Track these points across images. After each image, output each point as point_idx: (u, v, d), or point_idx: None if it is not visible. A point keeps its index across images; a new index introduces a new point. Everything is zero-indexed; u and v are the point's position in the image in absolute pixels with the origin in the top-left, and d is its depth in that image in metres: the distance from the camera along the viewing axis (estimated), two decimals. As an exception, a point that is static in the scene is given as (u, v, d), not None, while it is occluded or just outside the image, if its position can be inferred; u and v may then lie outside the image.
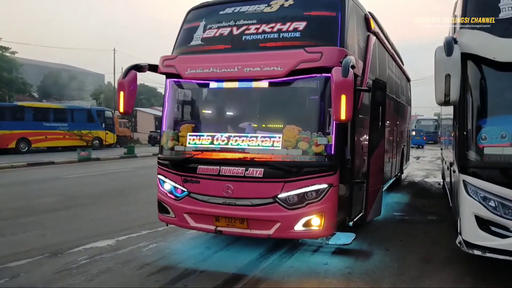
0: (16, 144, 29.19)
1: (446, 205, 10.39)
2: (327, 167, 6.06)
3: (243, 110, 7.21)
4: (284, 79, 6.14)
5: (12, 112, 30.42)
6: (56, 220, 9.51)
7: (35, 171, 20.02)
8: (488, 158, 5.62)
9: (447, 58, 5.22)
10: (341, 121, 5.58)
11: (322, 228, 6.08)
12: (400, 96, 13.38)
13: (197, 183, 6.52)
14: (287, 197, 6.06)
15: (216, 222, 6.45)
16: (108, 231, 8.38)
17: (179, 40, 7.35)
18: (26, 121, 30.28)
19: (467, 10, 5.84)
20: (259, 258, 6.69)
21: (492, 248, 5.43)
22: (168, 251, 7.11)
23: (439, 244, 7.61)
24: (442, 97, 5.25)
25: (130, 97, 6.66)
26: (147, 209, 9.58)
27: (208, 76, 6.59)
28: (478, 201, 5.52)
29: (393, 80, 11.84)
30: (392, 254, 7.02)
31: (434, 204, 11.60)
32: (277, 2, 6.77)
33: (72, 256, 6.86)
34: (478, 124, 5.74)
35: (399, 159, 13.75)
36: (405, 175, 17.26)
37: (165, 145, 7.08)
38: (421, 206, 11.30)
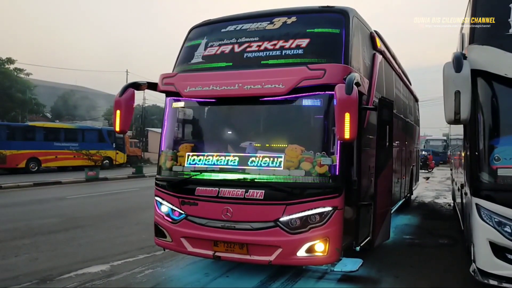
0: (26, 164, 29.05)
1: (458, 228, 9.98)
2: (331, 188, 5.67)
3: (244, 129, 6.84)
4: (286, 97, 5.81)
5: (23, 132, 30.38)
6: (52, 243, 9.12)
7: (41, 191, 19.70)
8: (502, 180, 5.20)
9: (456, 74, 4.89)
10: (345, 140, 5.21)
11: (327, 254, 5.65)
12: (408, 116, 13.03)
13: (195, 205, 6.15)
14: (289, 221, 5.66)
15: (215, 247, 6.05)
16: (104, 255, 7.99)
17: (180, 58, 7.08)
18: (37, 141, 30.20)
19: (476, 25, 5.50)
20: (260, 286, 6.25)
21: (509, 278, 4.97)
22: (164, 278, 6.68)
23: (451, 271, 7.12)
24: (452, 115, 4.89)
25: (127, 115, 6.37)
26: (148, 231, 9.12)
27: (207, 94, 6.27)
28: (492, 226, 5.10)
29: (401, 99, 11.49)
30: (402, 282, 6.56)
31: (445, 226, 11.10)
32: (280, 19, 6.50)
33: (61, 283, 6.47)
34: (491, 144, 5.36)
35: (408, 179, 13.33)
36: (415, 196, 16.75)
37: (163, 165, 6.74)
38: (432, 228, 10.80)
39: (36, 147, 29.85)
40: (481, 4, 5.69)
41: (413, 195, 15.71)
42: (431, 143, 51.49)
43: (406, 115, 12.58)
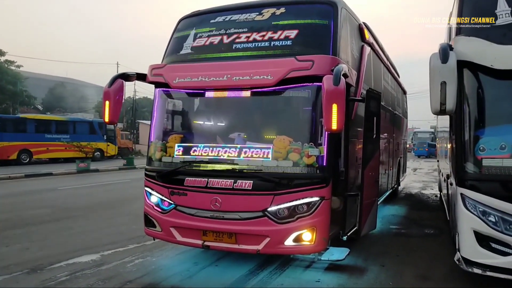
0: (18, 156, 28.81)
1: (444, 218, 10.04)
2: (319, 179, 5.67)
3: (232, 120, 6.83)
4: (274, 88, 5.79)
5: (14, 124, 30.08)
6: (43, 233, 9.06)
7: (32, 182, 19.52)
8: (487, 170, 5.21)
9: (443, 65, 4.87)
10: (333, 131, 5.20)
11: (314, 244, 5.67)
12: (396, 108, 13.07)
13: (184, 195, 6.13)
14: (277, 211, 5.66)
15: (204, 237, 6.04)
16: (95, 245, 7.94)
17: (169, 49, 7.02)
18: (29, 133, 29.95)
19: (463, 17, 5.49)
20: (248, 274, 6.25)
21: (492, 266, 5.01)
22: (154, 267, 6.67)
23: (437, 260, 7.16)
24: (437, 106, 4.88)
25: (116, 106, 6.32)
26: (138, 221, 9.01)
27: (196, 85, 6.23)
28: (477, 215, 5.12)
29: (389, 91, 11.50)
30: (388, 270, 6.59)
31: (431, 216, 11.16)
32: (268, 10, 6.44)
33: (52, 272, 6.42)
34: (476, 135, 5.36)
35: (395, 171, 13.40)
36: (402, 187, 16.84)
37: (152, 156, 6.71)
38: (418, 218, 10.86)
39: (28, 139, 29.59)
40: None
41: (400, 186, 15.80)
42: (418, 135, 51.76)
43: (394, 107, 12.60)
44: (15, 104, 50.17)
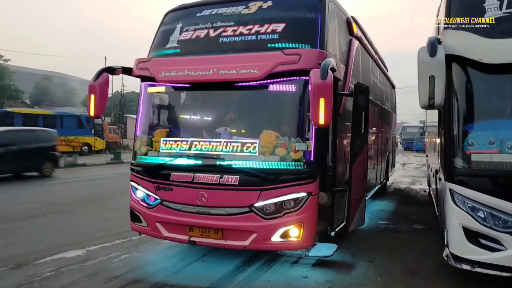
0: (4, 150, 28.39)
1: (433, 213, 10.03)
2: (306, 174, 5.62)
3: (219, 114, 6.73)
4: (261, 82, 5.72)
5: (1, 118, 29.57)
6: (29, 228, 8.95)
7: (18, 176, 19.25)
8: (476, 166, 5.18)
9: (431, 59, 4.84)
10: (320, 126, 5.15)
11: (301, 239, 5.63)
12: (385, 103, 13.04)
13: (170, 190, 6.06)
14: (263, 206, 5.60)
15: (190, 232, 5.98)
16: (81, 240, 7.85)
17: (155, 42, 6.92)
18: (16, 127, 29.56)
19: (451, 10, 5.44)
20: (235, 270, 6.20)
21: (481, 262, 4.99)
22: (140, 263, 6.60)
23: (426, 256, 7.16)
24: (426, 100, 4.85)
25: (101, 100, 6.24)
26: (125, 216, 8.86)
27: (182, 79, 6.15)
28: (466, 211, 5.09)
29: (378, 86, 11.46)
30: (376, 266, 6.56)
31: (420, 212, 11.18)
32: (255, 3, 6.37)
33: (37, 267, 6.34)
34: (465, 129, 5.33)
35: (384, 166, 13.39)
36: (391, 182, 16.86)
37: (138, 150, 6.63)
38: (407, 214, 10.86)
39: (15, 133, 29.17)
40: None
41: (389, 181, 15.81)
42: (407, 130, 51.95)
43: (383, 101, 12.57)
44: (3, 98, 49.54)
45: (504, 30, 5.08)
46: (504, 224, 4.91)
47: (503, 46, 5.02)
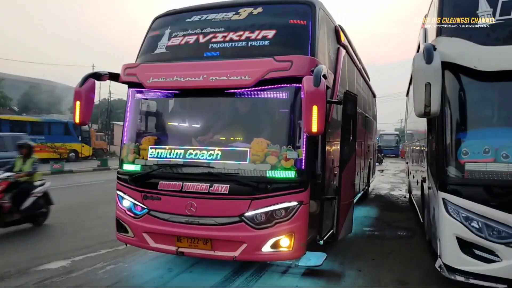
0: (-10, 156, 27.60)
1: (415, 219, 9.80)
2: (297, 183, 5.29)
3: (209, 121, 6.37)
4: (252, 89, 5.38)
5: (-13, 125, 28.87)
6: (12, 238, 8.43)
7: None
8: (470, 175, 4.88)
9: (427, 66, 4.56)
10: (313, 134, 4.83)
11: (292, 250, 5.29)
12: (367, 111, 12.87)
13: (158, 200, 5.67)
14: (254, 216, 5.25)
15: (178, 243, 5.59)
16: (66, 249, 7.38)
17: (143, 48, 6.54)
18: (2, 132, 28.79)
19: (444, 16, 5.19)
20: (224, 281, 5.83)
21: (476, 273, 4.70)
22: (126, 274, 6.18)
23: (413, 263, 6.88)
24: (422, 108, 4.56)
25: (87, 107, 5.84)
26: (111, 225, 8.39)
27: (171, 85, 5.76)
28: (459, 221, 4.81)
29: (361, 95, 11.24)
30: (365, 275, 6.26)
31: (402, 217, 10.93)
32: (245, 10, 6.05)
33: (20, 280, 5.90)
34: (458, 138, 5.05)
35: (366, 172, 13.18)
36: (371, 188, 16.59)
37: (125, 158, 6.20)
38: (390, 220, 10.59)
39: (1, 140, 28.40)
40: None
41: (370, 187, 15.58)
42: (384, 138, 52.24)
43: (366, 110, 12.40)
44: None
45: (499, 37, 4.85)
46: (499, 234, 4.64)
47: (498, 54, 4.77)
